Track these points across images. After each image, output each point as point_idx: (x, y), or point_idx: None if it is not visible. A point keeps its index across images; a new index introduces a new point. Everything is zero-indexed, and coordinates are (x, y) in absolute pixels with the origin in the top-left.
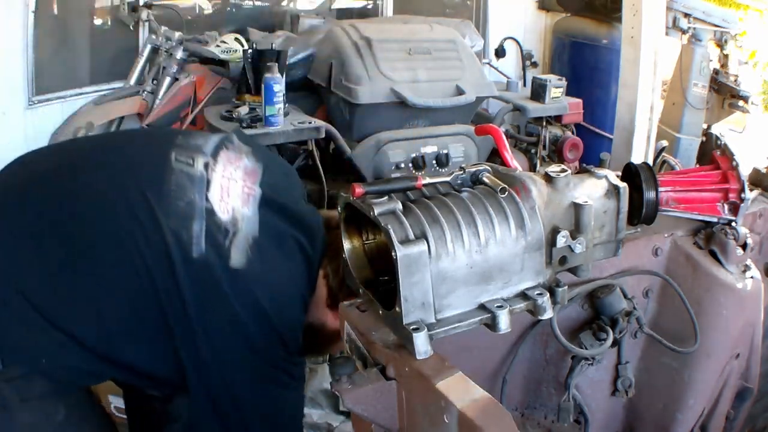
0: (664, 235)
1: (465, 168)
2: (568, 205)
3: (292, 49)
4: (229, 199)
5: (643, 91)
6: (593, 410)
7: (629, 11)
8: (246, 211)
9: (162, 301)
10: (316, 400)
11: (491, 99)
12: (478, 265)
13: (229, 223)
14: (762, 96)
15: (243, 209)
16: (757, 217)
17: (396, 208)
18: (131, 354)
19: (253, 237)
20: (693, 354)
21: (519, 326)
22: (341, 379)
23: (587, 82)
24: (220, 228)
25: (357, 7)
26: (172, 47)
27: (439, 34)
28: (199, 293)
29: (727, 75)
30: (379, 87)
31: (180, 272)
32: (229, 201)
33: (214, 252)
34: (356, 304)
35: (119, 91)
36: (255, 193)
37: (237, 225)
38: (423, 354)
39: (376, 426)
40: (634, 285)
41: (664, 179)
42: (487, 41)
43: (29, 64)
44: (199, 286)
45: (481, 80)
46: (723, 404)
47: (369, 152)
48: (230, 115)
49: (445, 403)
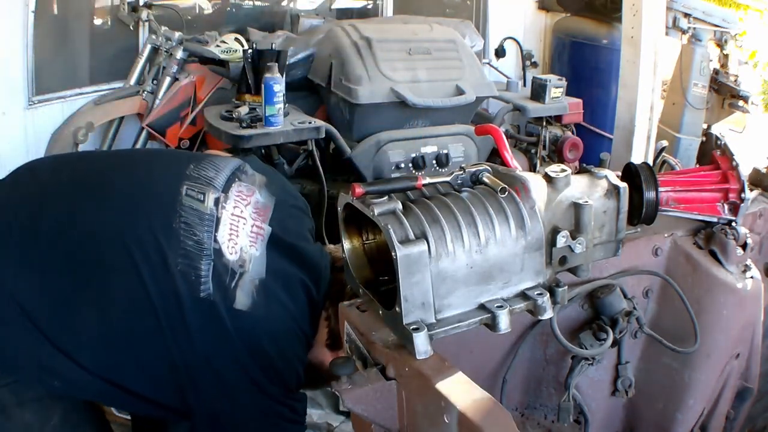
0: (664, 235)
1: (465, 168)
2: (568, 205)
3: (292, 49)
4: (238, 239)
5: (643, 91)
6: (593, 410)
7: (629, 11)
8: (254, 251)
9: (167, 337)
10: (316, 400)
11: (491, 99)
12: (478, 265)
13: (236, 264)
14: (762, 96)
15: (251, 249)
16: (757, 217)
17: (396, 208)
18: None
19: (260, 279)
20: (693, 354)
21: (519, 326)
22: (341, 379)
23: (587, 82)
24: (227, 269)
25: (357, 7)
26: (172, 47)
27: (439, 34)
28: (206, 331)
29: (727, 75)
30: (379, 87)
31: (188, 310)
32: (237, 241)
33: (220, 293)
34: (356, 304)
35: (119, 91)
36: (264, 232)
37: (244, 266)
38: (423, 354)
39: (376, 426)
40: (634, 285)
41: (664, 179)
42: (487, 41)
43: (29, 64)
44: (205, 324)
45: (481, 80)
46: (723, 404)
47: (369, 152)
48: (230, 115)
49: (445, 403)
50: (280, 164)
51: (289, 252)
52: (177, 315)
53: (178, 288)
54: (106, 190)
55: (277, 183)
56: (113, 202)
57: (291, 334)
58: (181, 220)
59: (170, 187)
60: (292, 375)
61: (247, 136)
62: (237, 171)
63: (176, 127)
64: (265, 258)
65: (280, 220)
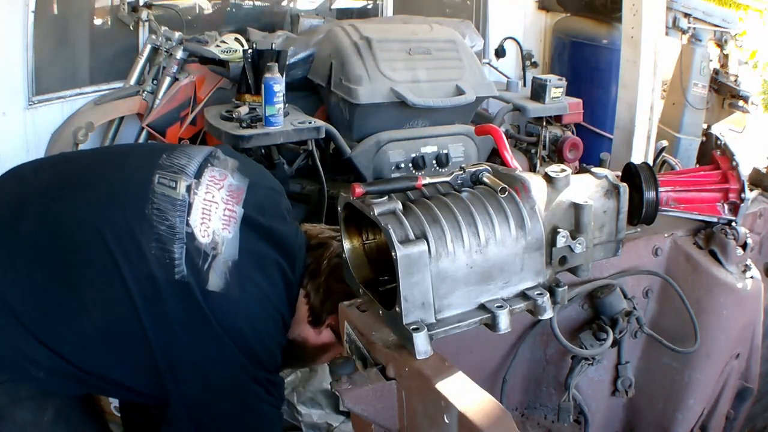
0: (664, 235)
1: (465, 168)
2: (568, 205)
3: (292, 49)
4: (210, 223)
5: (643, 91)
6: (593, 410)
7: (629, 11)
8: (226, 234)
9: (144, 321)
10: (316, 400)
11: (491, 99)
12: (478, 265)
13: (208, 246)
14: (762, 96)
15: (223, 232)
16: (757, 217)
17: (396, 208)
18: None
19: (233, 260)
20: (693, 354)
21: (519, 326)
22: (341, 379)
23: (587, 82)
24: (199, 252)
25: (357, 7)
26: (172, 47)
27: (439, 34)
28: (182, 312)
29: (727, 75)
30: (379, 87)
31: (164, 292)
32: (209, 225)
33: (194, 275)
34: (356, 304)
35: (119, 91)
36: (237, 215)
37: (217, 248)
38: (423, 354)
39: (376, 426)
40: (634, 285)
41: (664, 179)
42: (487, 41)
43: (29, 64)
44: (181, 305)
45: (481, 80)
46: (723, 404)
47: (369, 152)
48: (230, 115)
49: (445, 403)
50: (280, 164)
51: (263, 233)
52: (153, 297)
53: (153, 272)
54: (83, 185)
55: (249, 165)
56: (89, 195)
57: (266, 314)
58: (153, 206)
59: (143, 176)
60: (268, 356)
61: (247, 136)
62: (209, 157)
63: (176, 127)
64: (239, 240)
65: (254, 202)
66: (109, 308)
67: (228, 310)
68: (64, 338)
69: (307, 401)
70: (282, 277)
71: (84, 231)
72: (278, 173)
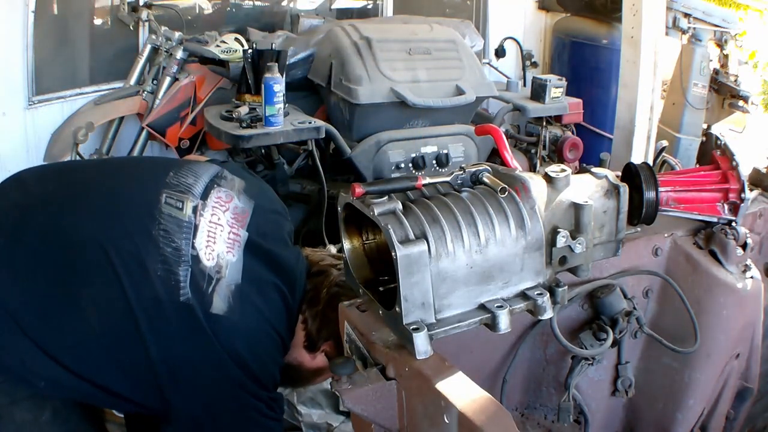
0: (664, 235)
1: (465, 168)
2: (568, 205)
3: (292, 49)
4: (215, 246)
5: (643, 91)
6: (593, 410)
7: (629, 11)
8: (230, 257)
9: (146, 339)
10: (316, 400)
11: (491, 99)
12: (478, 265)
13: (213, 269)
14: (762, 96)
15: (228, 256)
16: (757, 217)
17: (396, 208)
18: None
19: (236, 284)
20: (693, 354)
21: (519, 326)
22: (341, 379)
23: (587, 82)
24: (204, 275)
25: (357, 7)
26: (172, 47)
27: (439, 34)
28: (186, 333)
29: (727, 75)
30: (379, 87)
31: (169, 313)
32: (214, 248)
33: (198, 298)
34: (356, 304)
35: (119, 91)
36: (241, 239)
37: (221, 272)
38: (423, 354)
39: (376, 426)
40: (634, 285)
41: (664, 179)
42: (487, 41)
43: (29, 64)
44: (185, 326)
45: (481, 80)
46: (723, 404)
47: (369, 152)
48: (230, 115)
49: (445, 403)
50: (280, 164)
51: (265, 257)
52: (158, 318)
53: (157, 293)
54: (88, 198)
55: (255, 187)
56: (94, 210)
57: (265, 337)
58: (160, 227)
59: (150, 195)
60: (267, 376)
61: (247, 136)
62: (216, 177)
63: (176, 127)
64: (242, 264)
65: (258, 225)
66: (111, 323)
67: (229, 332)
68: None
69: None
70: (282, 301)
71: (89, 249)
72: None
